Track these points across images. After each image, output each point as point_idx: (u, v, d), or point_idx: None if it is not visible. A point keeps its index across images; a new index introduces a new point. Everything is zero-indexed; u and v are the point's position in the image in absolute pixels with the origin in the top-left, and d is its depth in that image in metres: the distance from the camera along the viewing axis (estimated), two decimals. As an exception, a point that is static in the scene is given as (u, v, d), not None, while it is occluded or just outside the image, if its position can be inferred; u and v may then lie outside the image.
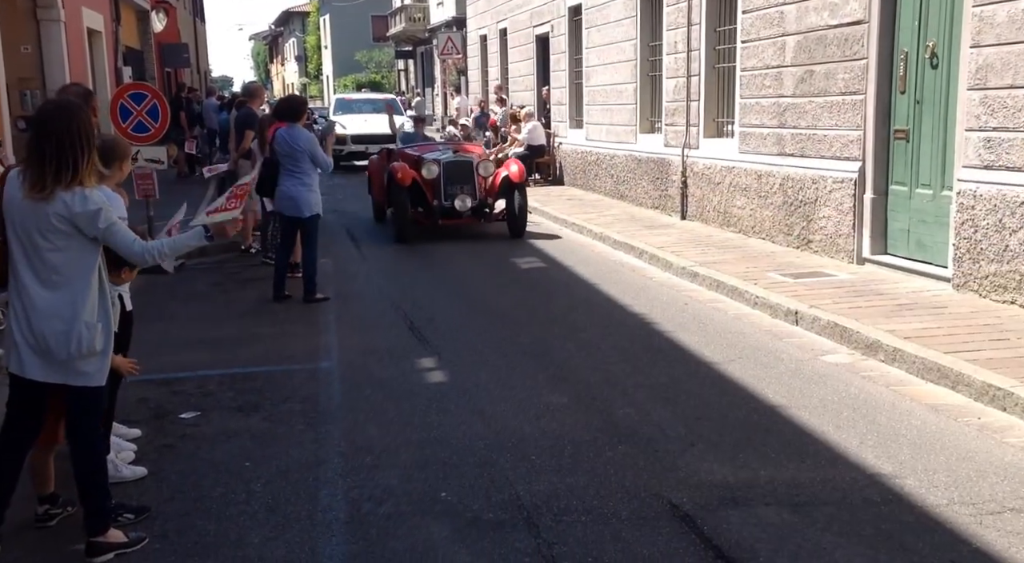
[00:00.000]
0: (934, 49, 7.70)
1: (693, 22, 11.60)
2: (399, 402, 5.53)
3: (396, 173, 11.29)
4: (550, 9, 17.64)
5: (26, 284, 3.56)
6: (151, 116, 9.96)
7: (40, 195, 3.47)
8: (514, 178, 11.56)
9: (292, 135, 8.27)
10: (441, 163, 11.53)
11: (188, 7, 30.79)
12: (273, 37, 79.51)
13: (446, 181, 11.43)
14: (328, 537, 3.86)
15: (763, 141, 10.15)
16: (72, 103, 3.74)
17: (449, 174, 11.48)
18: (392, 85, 47.10)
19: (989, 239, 6.98)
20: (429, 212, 11.56)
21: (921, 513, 3.94)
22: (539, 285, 8.92)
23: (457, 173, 11.54)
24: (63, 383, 3.61)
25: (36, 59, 13.15)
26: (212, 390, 5.86)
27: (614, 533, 3.82)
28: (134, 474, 4.45)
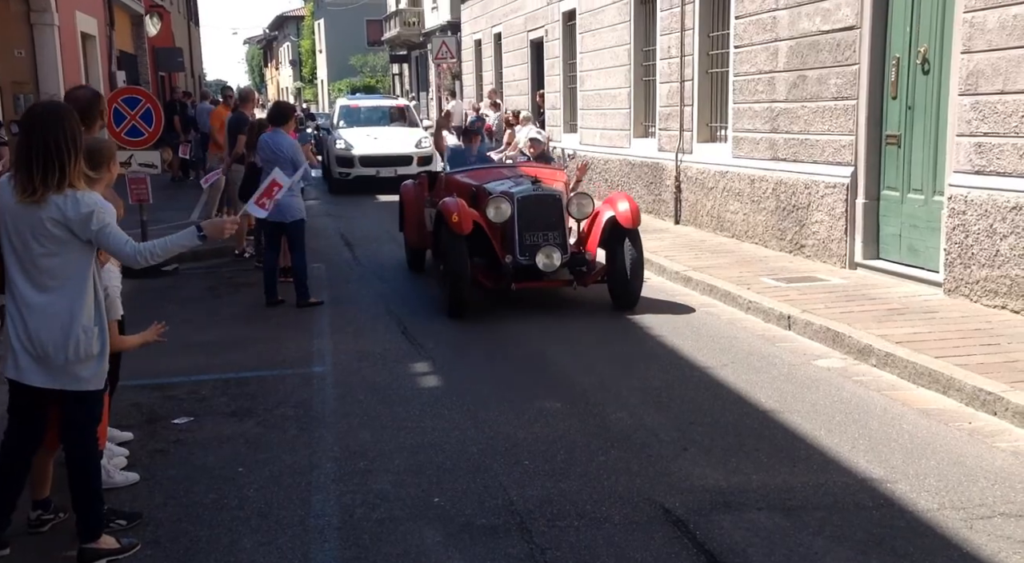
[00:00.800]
0: (925, 55, 7.74)
1: (686, 27, 11.64)
2: (392, 407, 5.53)
3: (449, 214, 7.62)
4: (544, 14, 17.68)
5: (22, 290, 3.56)
6: (145, 120, 9.97)
7: (30, 199, 3.47)
8: (624, 221, 7.80)
9: (276, 141, 8.29)
10: (515, 199, 7.84)
11: (182, 11, 30.77)
12: (268, 41, 79.49)
13: (523, 226, 7.81)
14: (321, 543, 3.86)
15: (756, 146, 10.18)
16: (59, 106, 3.74)
17: (527, 215, 7.84)
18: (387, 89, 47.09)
19: (980, 244, 7.01)
20: (498, 271, 7.86)
21: (912, 517, 3.96)
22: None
23: (539, 214, 7.88)
24: (61, 389, 3.61)
25: (30, 63, 13.13)
26: (205, 395, 5.86)
27: (607, 538, 3.83)
28: (126, 480, 4.45)
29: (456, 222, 7.56)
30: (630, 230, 7.77)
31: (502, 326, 7.46)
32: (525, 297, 8.19)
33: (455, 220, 7.55)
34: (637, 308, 7.87)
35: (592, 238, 8.02)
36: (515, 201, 7.82)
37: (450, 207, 7.70)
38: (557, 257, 7.65)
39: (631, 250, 7.72)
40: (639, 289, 7.87)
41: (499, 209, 7.79)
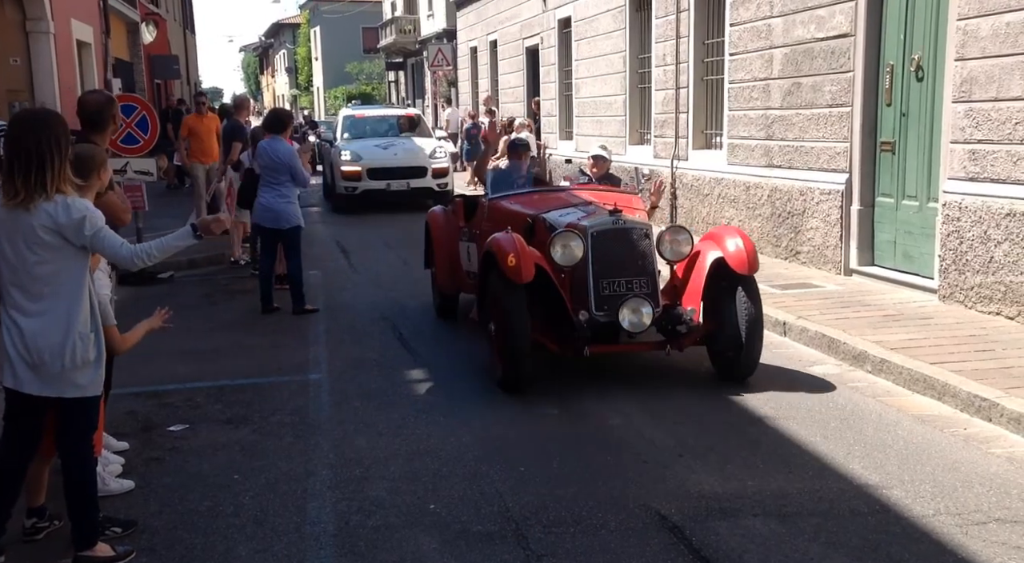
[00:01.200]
0: (919, 62, 7.77)
1: (682, 35, 11.68)
2: (388, 414, 5.53)
3: (504, 255, 5.70)
4: (540, 21, 17.73)
5: (17, 298, 3.55)
6: (141, 128, 9.98)
7: (13, 202, 3.45)
8: (737, 264, 5.83)
9: (273, 148, 8.29)
10: (589, 234, 5.90)
11: (178, 19, 30.79)
12: (263, 49, 79.55)
13: (600, 270, 5.88)
14: (316, 550, 3.86)
15: (751, 153, 10.21)
16: (45, 112, 3.74)
17: (606, 256, 5.91)
18: (383, 97, 47.15)
19: (974, 250, 7.04)
20: (567, 330, 5.86)
21: (908, 523, 3.96)
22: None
23: (622, 254, 5.95)
24: (58, 396, 3.60)
25: (25, 71, 13.12)
26: (200, 402, 5.85)
27: (603, 544, 3.83)
28: (121, 487, 4.44)
29: (513, 266, 5.59)
30: (744, 277, 5.82)
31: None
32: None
33: (511, 264, 5.60)
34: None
35: (692, 287, 6.00)
36: (589, 237, 5.85)
37: (504, 245, 5.73)
38: (647, 313, 5.71)
39: (746, 304, 5.77)
40: (757, 357, 5.88)
41: (568, 248, 5.84)
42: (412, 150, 15.97)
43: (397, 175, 15.48)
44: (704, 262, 5.97)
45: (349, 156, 15.63)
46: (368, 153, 15.70)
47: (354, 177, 15.49)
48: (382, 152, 15.79)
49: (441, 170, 15.71)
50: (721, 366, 6.04)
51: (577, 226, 5.99)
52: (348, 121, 17.63)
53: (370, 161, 15.55)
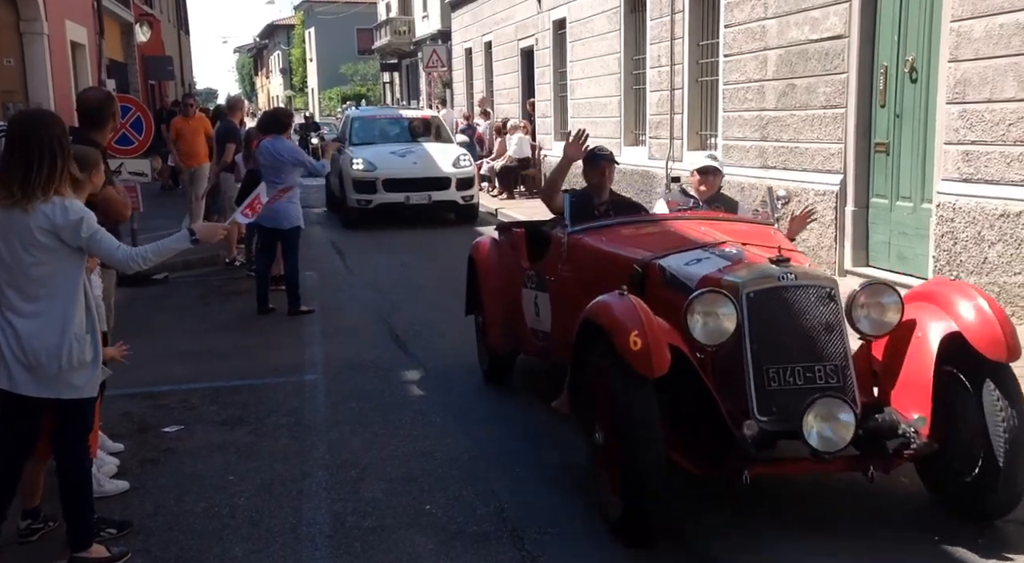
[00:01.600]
0: (913, 64, 7.80)
1: (676, 36, 11.70)
2: (384, 415, 5.53)
3: (622, 333, 3.70)
4: (535, 23, 17.75)
5: (13, 300, 3.55)
6: (135, 129, 9.95)
7: (10, 201, 3.45)
8: (986, 345, 3.74)
9: (276, 147, 8.29)
10: (745, 296, 3.89)
11: (172, 20, 30.76)
12: (258, 50, 79.52)
13: (765, 351, 3.85)
14: (312, 551, 3.86)
15: (746, 154, 10.23)
16: (44, 113, 3.74)
17: (773, 329, 3.89)
18: (378, 98, 47.15)
19: (968, 251, 7.06)
20: (718, 442, 3.81)
21: (902, 523, 3.93)
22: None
23: (798, 326, 3.90)
24: (55, 398, 3.60)
25: (19, 72, 13.09)
26: (196, 403, 5.84)
27: (598, 545, 3.83)
28: (116, 488, 4.43)
29: (639, 351, 3.64)
30: (998, 365, 3.78)
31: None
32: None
33: (636, 347, 3.65)
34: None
35: (910, 377, 3.95)
36: (744, 300, 3.88)
37: (622, 317, 3.76)
38: (848, 421, 3.63)
39: (1004, 407, 3.71)
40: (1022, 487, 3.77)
41: (713, 317, 3.87)
42: (433, 158, 14.11)
43: (417, 187, 13.62)
44: (928, 339, 3.89)
45: (362, 164, 13.66)
46: (384, 161, 13.77)
47: (368, 188, 13.58)
48: (399, 160, 13.89)
49: (466, 180, 13.98)
50: (956, 495, 3.92)
51: (722, 282, 3.97)
52: (357, 124, 15.52)
53: (386, 170, 13.62)
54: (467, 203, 14.10)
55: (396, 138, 15.10)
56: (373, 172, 13.63)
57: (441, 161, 14.04)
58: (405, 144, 14.67)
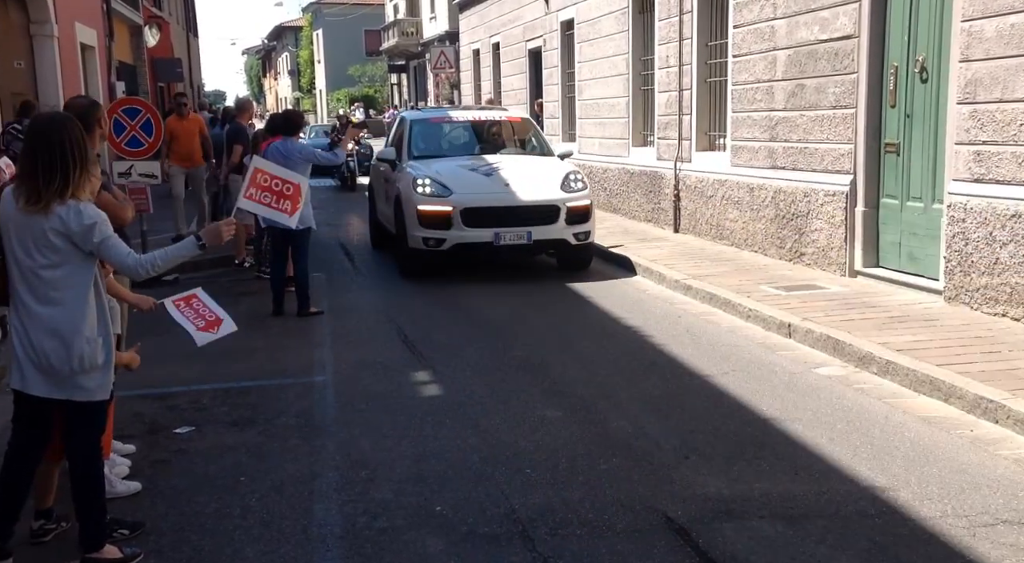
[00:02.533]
0: (924, 63, 7.77)
1: (685, 37, 11.68)
2: (394, 416, 5.53)
3: None
4: (543, 23, 17.74)
5: (26, 301, 3.56)
6: (145, 131, 9.99)
7: (35, 208, 3.47)
8: None
9: (287, 148, 8.32)
10: None
11: (181, 22, 30.85)
12: (266, 51, 79.69)
13: None
14: (323, 552, 3.86)
15: (755, 154, 10.21)
16: (63, 116, 3.75)
17: None
18: (385, 99, 47.22)
19: (980, 252, 7.03)
20: None
21: (915, 525, 3.95)
22: (532, 295, 8.92)
23: None
24: (67, 399, 3.61)
25: (29, 74, 13.15)
26: (206, 404, 5.86)
27: (609, 546, 3.82)
28: (128, 489, 4.44)
29: None
30: None
31: (505, 332, 7.46)
32: (528, 301, 8.04)
33: None
34: (635, 315, 7.87)
35: None
36: None
37: None
38: None
39: None
40: None
41: None
42: (532, 177, 9.89)
43: (511, 219, 9.40)
44: None
45: (430, 187, 9.54)
46: (461, 182, 9.65)
47: (440, 222, 9.37)
48: (483, 181, 9.78)
49: (580, 210, 9.64)
50: None
51: None
52: (416, 129, 11.12)
53: (466, 196, 9.46)
54: (581, 243, 9.71)
55: (469, 148, 11.08)
56: (447, 198, 9.39)
57: (544, 181, 9.79)
58: (487, 157, 10.52)
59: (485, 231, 9.35)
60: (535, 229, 9.42)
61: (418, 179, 9.66)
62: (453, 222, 9.35)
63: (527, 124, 11.69)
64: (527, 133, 11.45)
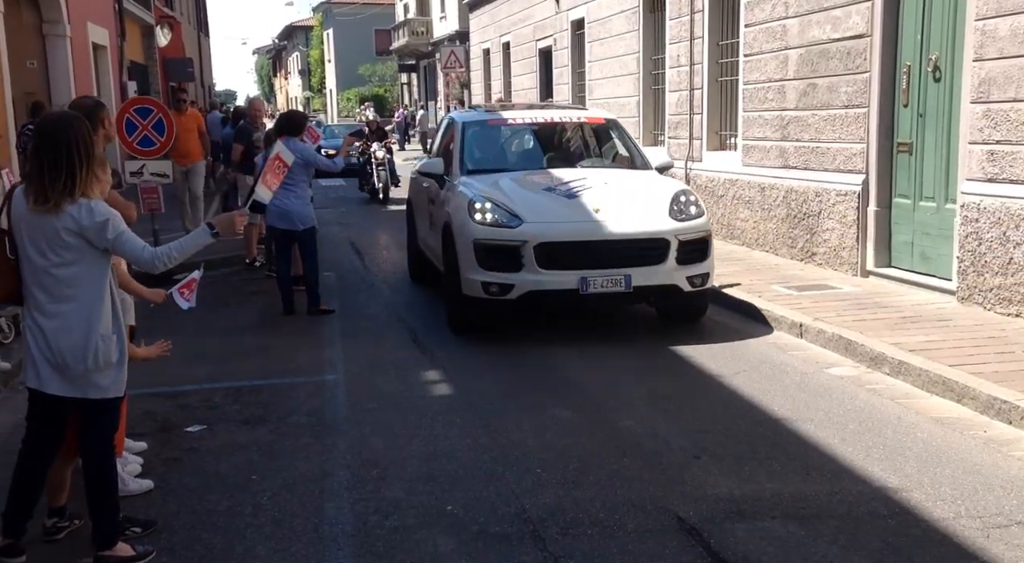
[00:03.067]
0: (937, 62, 7.73)
1: (695, 36, 11.65)
2: (404, 415, 5.53)
3: None
4: (553, 23, 17.73)
5: (40, 301, 3.58)
6: (157, 130, 10.02)
7: (44, 208, 3.48)
8: None
9: (290, 148, 8.32)
10: None
11: (192, 22, 30.97)
12: (277, 51, 79.90)
13: None
14: (335, 550, 3.86)
15: (766, 154, 10.18)
16: (70, 115, 3.76)
17: None
18: (395, 99, 47.28)
19: (993, 252, 6.99)
20: None
21: (928, 526, 3.93)
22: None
23: None
24: (82, 397, 3.62)
25: (42, 74, 13.23)
26: (218, 403, 5.88)
27: (620, 546, 3.82)
28: (140, 487, 4.46)
29: None
30: None
31: (511, 333, 7.46)
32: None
33: None
34: (651, 317, 7.85)
35: None
36: None
37: None
38: None
39: None
40: None
41: None
42: (630, 200, 7.34)
43: (604, 259, 6.96)
44: None
45: (492, 214, 7.12)
46: (535, 207, 7.20)
47: (506, 262, 6.97)
48: (564, 206, 7.26)
49: (696, 243, 7.20)
50: None
51: None
52: (471, 134, 8.60)
53: (543, 227, 7.02)
54: (697, 289, 7.15)
55: (538, 159, 8.63)
56: (515, 229, 6.95)
57: (646, 205, 7.23)
58: (564, 172, 7.93)
59: (568, 275, 6.82)
60: (635, 271, 6.88)
61: (476, 202, 7.12)
62: (524, 262, 6.85)
63: (612, 127, 8.92)
64: (612, 139, 8.82)
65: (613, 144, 8.81)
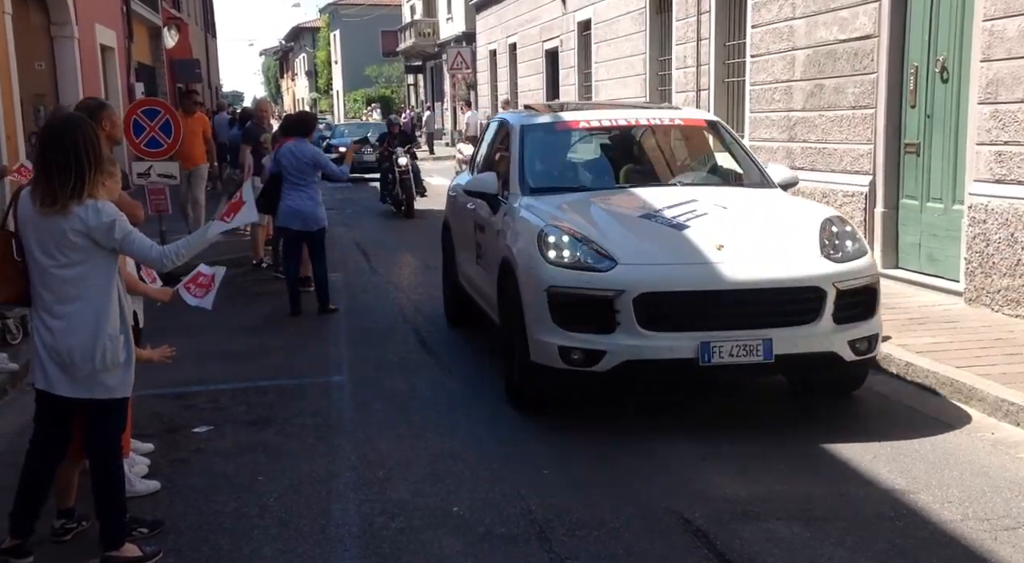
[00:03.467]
0: (944, 63, 7.71)
1: (702, 37, 11.64)
2: (410, 416, 5.54)
3: None
4: (559, 24, 17.73)
5: (47, 301, 3.59)
6: (164, 132, 10.04)
7: (52, 210, 3.49)
8: None
9: (300, 150, 8.36)
10: None
11: (200, 23, 31.05)
12: (284, 52, 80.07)
13: None
14: (341, 552, 3.87)
15: (773, 155, 10.16)
16: (77, 116, 3.77)
17: None
18: (402, 100, 47.33)
19: (1001, 253, 6.97)
20: None
21: (935, 528, 3.92)
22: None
23: None
24: (89, 398, 3.63)
25: (50, 75, 13.27)
26: (224, 404, 5.89)
27: (627, 547, 3.81)
28: (147, 488, 4.47)
29: None
30: None
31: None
32: None
33: None
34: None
35: None
36: None
37: None
38: None
39: None
40: None
41: None
42: (762, 231, 5.39)
43: (733, 315, 5.00)
44: None
45: (571, 250, 5.18)
46: (631, 241, 5.27)
47: (594, 317, 5.00)
48: (670, 238, 5.29)
49: (859, 291, 5.19)
50: None
51: None
52: (533, 140, 6.59)
53: (646, 268, 5.08)
54: (862, 357, 5.23)
55: (615, 173, 6.52)
56: (609, 273, 5.04)
57: (786, 239, 5.31)
58: (663, 192, 5.96)
59: (682, 338, 4.92)
60: (777, 334, 4.95)
61: (548, 234, 5.24)
62: (620, 319, 4.92)
63: (716, 130, 6.84)
64: (716, 147, 6.99)
65: (716, 153, 6.95)
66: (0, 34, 10.83)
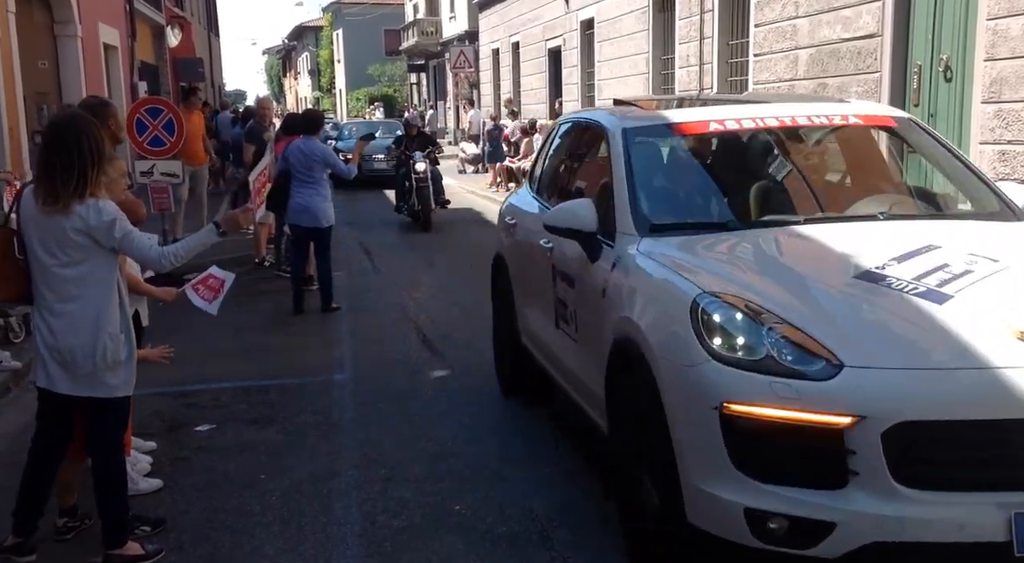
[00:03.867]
0: (948, 62, 7.70)
1: (705, 36, 11.64)
2: (412, 415, 5.54)
3: None
4: (562, 23, 17.73)
5: (49, 299, 3.59)
6: (167, 130, 10.05)
7: (54, 208, 3.49)
8: None
9: (309, 147, 8.37)
10: None
11: (203, 22, 31.07)
12: (286, 51, 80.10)
13: None
14: (342, 550, 3.87)
15: (776, 154, 10.15)
16: (80, 115, 3.77)
17: None
18: (405, 99, 47.36)
19: (1004, 252, 6.95)
20: None
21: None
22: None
23: None
24: (90, 396, 3.64)
25: (53, 74, 13.29)
26: (227, 402, 5.89)
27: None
28: (150, 486, 4.47)
29: None
30: None
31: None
32: None
33: None
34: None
35: None
36: None
37: None
38: None
39: None
40: None
41: None
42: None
43: None
44: None
45: (753, 339, 2.91)
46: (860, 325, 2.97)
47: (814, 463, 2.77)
48: (927, 319, 2.93)
49: None
50: None
51: None
52: (645, 154, 4.34)
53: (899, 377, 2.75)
54: None
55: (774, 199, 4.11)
56: (828, 384, 2.76)
57: None
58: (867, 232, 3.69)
59: (978, 504, 2.73)
60: None
61: (714, 311, 3.11)
62: (858, 465, 2.76)
63: (911, 132, 4.59)
64: (913, 156, 5.31)
65: (912, 166, 5.25)
66: (4, 32, 10.85)
